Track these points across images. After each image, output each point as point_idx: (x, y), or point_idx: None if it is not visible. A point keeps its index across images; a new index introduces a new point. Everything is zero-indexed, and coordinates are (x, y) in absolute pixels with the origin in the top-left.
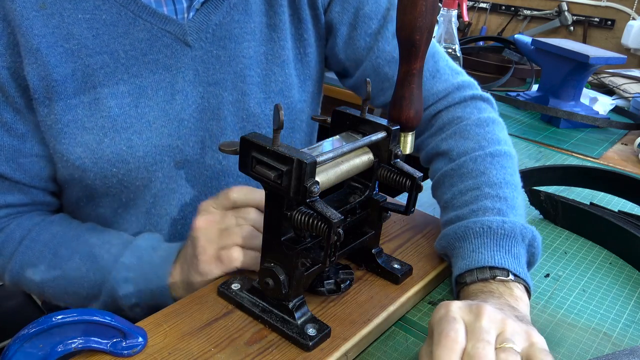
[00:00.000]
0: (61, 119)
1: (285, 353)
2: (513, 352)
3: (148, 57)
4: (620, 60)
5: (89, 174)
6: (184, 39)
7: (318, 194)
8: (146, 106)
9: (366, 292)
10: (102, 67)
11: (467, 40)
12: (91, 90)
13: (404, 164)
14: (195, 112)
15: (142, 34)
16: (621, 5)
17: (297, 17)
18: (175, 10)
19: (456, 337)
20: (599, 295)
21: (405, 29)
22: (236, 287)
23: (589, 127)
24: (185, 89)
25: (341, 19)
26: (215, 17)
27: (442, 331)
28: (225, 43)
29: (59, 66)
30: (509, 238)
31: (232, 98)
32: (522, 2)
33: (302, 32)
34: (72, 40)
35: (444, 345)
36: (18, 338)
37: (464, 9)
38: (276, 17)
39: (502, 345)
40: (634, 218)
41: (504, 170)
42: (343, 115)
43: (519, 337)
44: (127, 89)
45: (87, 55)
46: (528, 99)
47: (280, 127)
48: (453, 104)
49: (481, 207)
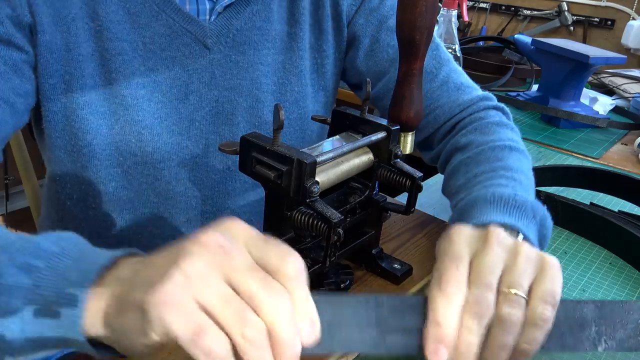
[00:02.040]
0: (77, 99)
1: None
2: (517, 302)
3: (166, 53)
4: (620, 60)
5: (94, 161)
6: (204, 41)
7: (318, 194)
8: (159, 102)
9: (366, 292)
10: (120, 53)
11: (467, 40)
12: (107, 75)
13: (404, 164)
14: (208, 115)
15: (163, 29)
16: (621, 5)
17: (318, 28)
18: (197, 11)
19: (456, 282)
20: (599, 295)
21: (405, 28)
22: None
23: (589, 127)
24: (200, 91)
25: (365, 31)
26: (236, 22)
27: (442, 275)
28: (244, 49)
29: (85, 42)
30: (520, 210)
31: (247, 104)
32: (522, 2)
33: (322, 44)
34: (96, 20)
35: (442, 291)
36: None
37: (464, 9)
38: (297, 26)
39: (507, 292)
40: (634, 218)
41: (520, 162)
42: (343, 115)
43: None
44: (142, 81)
45: (107, 39)
46: (528, 99)
47: (280, 127)
48: (477, 110)
49: (494, 183)
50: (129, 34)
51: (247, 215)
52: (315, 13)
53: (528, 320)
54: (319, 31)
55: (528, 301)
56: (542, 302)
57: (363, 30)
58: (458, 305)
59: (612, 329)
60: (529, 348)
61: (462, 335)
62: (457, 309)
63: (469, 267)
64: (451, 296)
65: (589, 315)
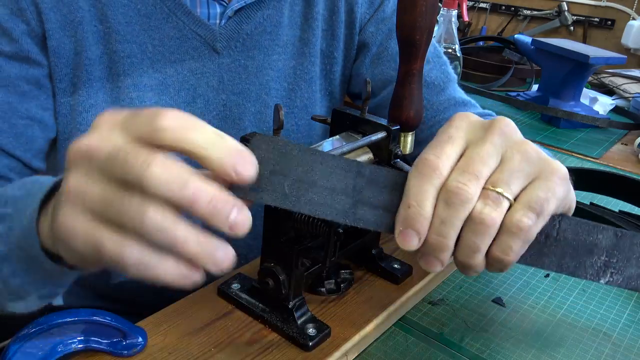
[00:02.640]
0: (83, 102)
1: (285, 353)
2: (495, 202)
3: (175, 55)
4: (620, 60)
5: None
6: (213, 45)
7: None
8: (167, 104)
9: (366, 292)
10: (129, 56)
11: (467, 40)
12: (115, 78)
13: (404, 164)
14: (215, 119)
15: (172, 32)
16: (621, 5)
17: (331, 34)
18: (208, 14)
19: (437, 163)
20: (599, 295)
21: (405, 28)
22: (236, 287)
23: (589, 127)
24: (208, 94)
25: (374, 39)
26: (247, 26)
27: (425, 154)
28: (254, 54)
29: (93, 45)
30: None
31: (255, 109)
32: (522, 2)
33: (333, 50)
34: (105, 22)
35: (419, 172)
36: (18, 338)
37: (464, 9)
38: (310, 32)
39: (490, 188)
40: (634, 218)
41: None
42: (343, 115)
43: (524, 173)
44: (150, 83)
45: (116, 41)
46: (528, 99)
47: (280, 127)
48: None
49: None
50: (138, 36)
51: None
52: (329, 19)
53: (504, 225)
54: (331, 37)
55: (511, 205)
56: (523, 208)
57: (373, 38)
58: (433, 189)
59: (624, 263)
60: (502, 257)
61: (434, 225)
62: (431, 192)
63: (460, 153)
64: (427, 178)
65: (602, 242)
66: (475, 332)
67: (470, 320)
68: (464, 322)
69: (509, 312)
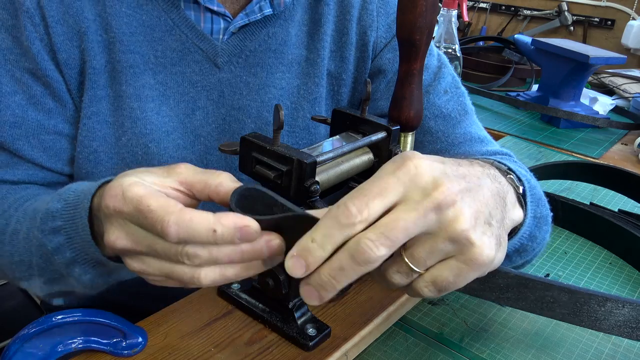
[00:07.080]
0: (86, 109)
1: (285, 353)
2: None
3: (176, 68)
4: (620, 60)
5: (99, 168)
6: (214, 60)
7: (318, 194)
8: (166, 115)
9: (366, 292)
10: (132, 66)
11: (467, 40)
12: (117, 87)
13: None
14: (214, 132)
15: (175, 44)
16: (621, 5)
17: (340, 56)
18: (212, 29)
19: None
20: None
21: (405, 28)
22: (236, 287)
23: (589, 127)
24: (207, 107)
25: (391, 66)
26: (250, 43)
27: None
28: (256, 71)
29: (98, 54)
30: (518, 170)
31: (255, 126)
32: (522, 2)
33: (342, 72)
34: (110, 32)
35: (335, 217)
36: (18, 338)
37: (464, 9)
38: (316, 52)
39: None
40: (634, 218)
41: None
42: (343, 115)
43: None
44: (151, 94)
45: (120, 51)
46: (528, 99)
47: (280, 127)
48: None
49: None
50: (141, 46)
51: None
52: (338, 40)
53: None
54: (340, 59)
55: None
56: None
57: (390, 65)
58: (341, 238)
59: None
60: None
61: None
62: (338, 239)
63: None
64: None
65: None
66: (475, 332)
67: (470, 320)
68: (463, 322)
69: (509, 312)
